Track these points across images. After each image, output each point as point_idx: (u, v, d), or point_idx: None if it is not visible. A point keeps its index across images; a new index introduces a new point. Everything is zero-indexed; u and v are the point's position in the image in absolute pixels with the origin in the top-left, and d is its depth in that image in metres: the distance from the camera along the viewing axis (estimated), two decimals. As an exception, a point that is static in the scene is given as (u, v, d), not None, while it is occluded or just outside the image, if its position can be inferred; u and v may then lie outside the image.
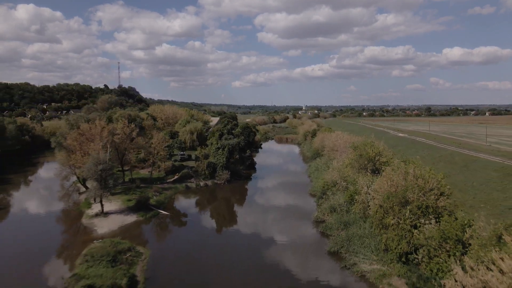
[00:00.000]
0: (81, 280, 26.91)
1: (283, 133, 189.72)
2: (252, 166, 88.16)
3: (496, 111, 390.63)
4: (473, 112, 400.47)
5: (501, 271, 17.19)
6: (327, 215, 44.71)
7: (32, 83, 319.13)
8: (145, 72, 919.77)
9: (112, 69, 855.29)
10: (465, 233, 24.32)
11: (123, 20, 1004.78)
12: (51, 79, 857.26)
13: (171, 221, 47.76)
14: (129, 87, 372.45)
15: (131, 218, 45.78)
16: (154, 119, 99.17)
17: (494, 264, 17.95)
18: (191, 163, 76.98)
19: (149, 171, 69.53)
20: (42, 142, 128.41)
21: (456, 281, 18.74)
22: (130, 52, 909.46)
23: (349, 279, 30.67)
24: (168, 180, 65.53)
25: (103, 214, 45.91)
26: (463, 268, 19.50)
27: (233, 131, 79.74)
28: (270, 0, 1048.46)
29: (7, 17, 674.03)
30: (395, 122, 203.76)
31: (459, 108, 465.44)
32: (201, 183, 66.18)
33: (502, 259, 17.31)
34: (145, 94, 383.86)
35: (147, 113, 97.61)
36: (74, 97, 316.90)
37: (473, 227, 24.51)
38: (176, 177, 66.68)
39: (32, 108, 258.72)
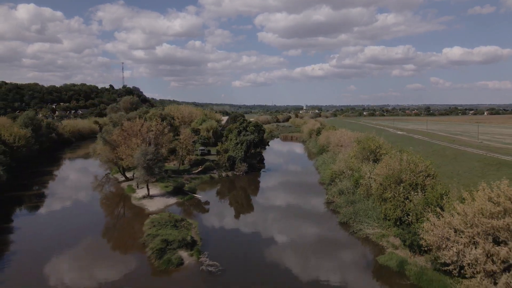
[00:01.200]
0: (156, 237, 35.90)
1: (287, 131, 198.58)
2: (261, 161, 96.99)
3: (494, 111, 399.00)
4: (471, 112, 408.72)
5: (458, 214, 26.01)
6: (336, 197, 53.76)
7: (30, 83, 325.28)
8: (146, 72, 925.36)
9: (113, 69, 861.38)
10: (442, 199, 33.15)
11: (123, 19, 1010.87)
12: (52, 79, 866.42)
13: (204, 203, 56.70)
14: (133, 87, 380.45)
15: (172, 200, 54.89)
16: (172, 118, 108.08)
17: (457, 213, 26.77)
18: (210, 157, 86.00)
19: (174, 164, 78.62)
20: (63, 140, 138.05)
21: (430, 224, 27.58)
22: (131, 51, 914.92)
23: (356, 240, 39.78)
24: (193, 172, 74.54)
25: (149, 196, 54.97)
26: (438, 218, 28.40)
27: (248, 129, 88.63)
28: (270, 0, 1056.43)
29: (8, 16, 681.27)
30: (394, 121, 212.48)
31: (458, 108, 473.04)
32: (223, 174, 75.19)
33: (459, 206, 26.15)
34: (145, 93, 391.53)
35: (166, 112, 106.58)
36: (81, 97, 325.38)
37: (448, 195, 33.40)
38: (200, 168, 75.73)
39: (43, 108, 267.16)
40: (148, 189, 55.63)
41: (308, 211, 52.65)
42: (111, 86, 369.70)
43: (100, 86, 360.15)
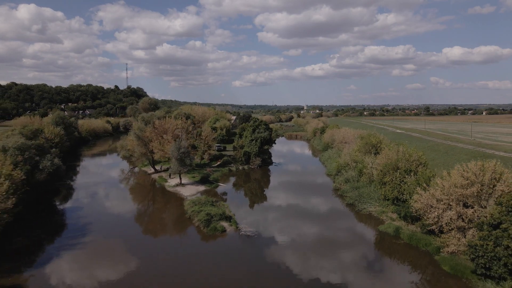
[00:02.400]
0: (201, 212, 44.65)
1: (291, 131, 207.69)
2: (269, 157, 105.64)
3: (493, 111, 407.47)
4: (470, 112, 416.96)
5: (439, 187, 34.85)
6: (342, 185, 62.55)
7: (33, 83, 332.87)
8: (146, 71, 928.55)
9: (113, 69, 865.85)
10: (430, 181, 41.84)
11: (124, 19, 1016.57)
12: (52, 79, 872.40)
13: (227, 190, 65.46)
14: (137, 87, 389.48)
15: (202, 188, 63.71)
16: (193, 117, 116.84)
17: (438, 187, 35.53)
18: (226, 153, 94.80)
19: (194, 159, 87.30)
20: (81, 138, 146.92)
21: (418, 195, 36.42)
22: (131, 51, 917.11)
23: (361, 215, 48.64)
24: (213, 165, 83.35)
25: (181, 184, 63.78)
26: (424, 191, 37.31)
27: (260, 127, 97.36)
28: (271, 0, 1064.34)
29: (9, 16, 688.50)
30: (394, 120, 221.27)
31: (458, 107, 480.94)
32: (239, 167, 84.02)
33: (439, 181, 34.94)
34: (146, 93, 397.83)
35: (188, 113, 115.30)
36: (88, 97, 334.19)
37: (435, 176, 42.12)
38: (219, 162, 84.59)
39: (53, 108, 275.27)
40: (180, 178, 64.47)
41: (317, 196, 61.52)
42: (116, 86, 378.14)
43: (100, 86, 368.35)
